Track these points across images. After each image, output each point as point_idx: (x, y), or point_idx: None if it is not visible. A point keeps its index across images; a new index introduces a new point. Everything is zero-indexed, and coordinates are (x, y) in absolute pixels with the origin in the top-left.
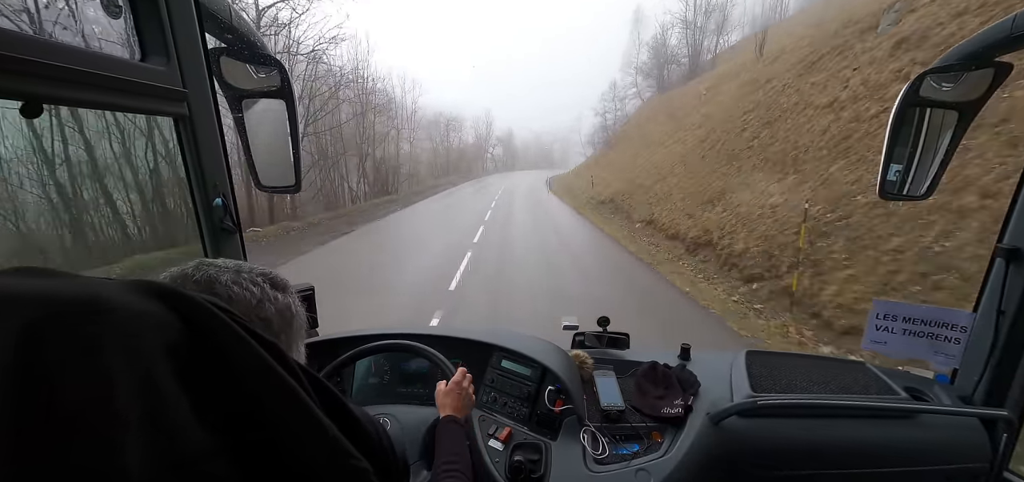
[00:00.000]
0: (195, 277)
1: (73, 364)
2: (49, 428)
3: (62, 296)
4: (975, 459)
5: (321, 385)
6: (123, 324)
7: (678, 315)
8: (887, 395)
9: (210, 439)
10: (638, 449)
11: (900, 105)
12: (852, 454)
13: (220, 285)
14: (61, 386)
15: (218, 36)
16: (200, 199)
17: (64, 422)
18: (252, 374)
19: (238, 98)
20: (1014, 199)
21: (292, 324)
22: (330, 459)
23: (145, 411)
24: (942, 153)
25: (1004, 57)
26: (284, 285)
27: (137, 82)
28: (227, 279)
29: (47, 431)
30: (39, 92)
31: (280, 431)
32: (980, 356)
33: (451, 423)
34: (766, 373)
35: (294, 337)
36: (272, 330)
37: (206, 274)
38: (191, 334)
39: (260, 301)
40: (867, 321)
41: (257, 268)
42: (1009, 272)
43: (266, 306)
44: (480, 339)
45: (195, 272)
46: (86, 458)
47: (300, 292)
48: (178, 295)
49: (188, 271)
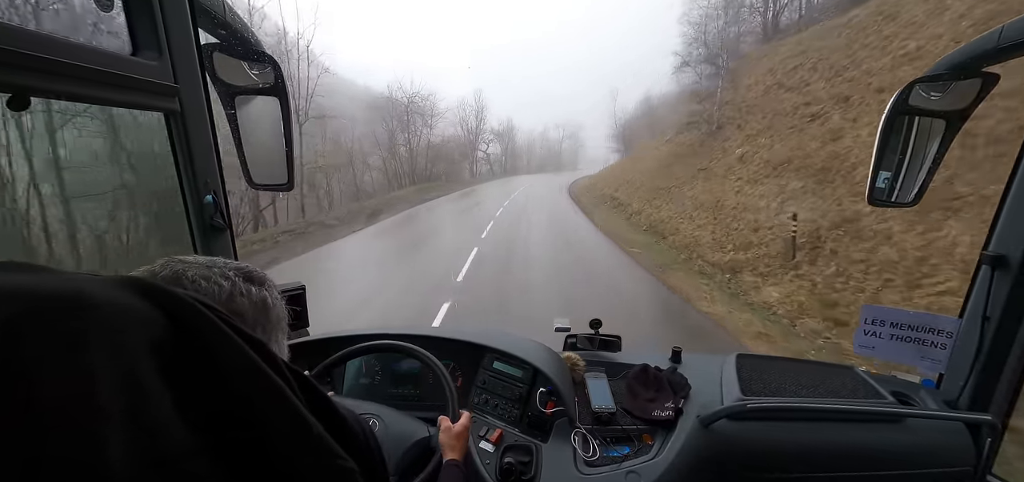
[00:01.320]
0: (161, 273)
1: (54, 359)
2: (28, 423)
3: (45, 292)
4: (960, 463)
5: (308, 384)
6: (107, 320)
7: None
8: (874, 399)
9: (193, 437)
10: (629, 451)
11: (889, 113)
12: (840, 457)
13: (187, 279)
14: (40, 381)
15: (211, 32)
16: (190, 195)
17: (44, 417)
18: (238, 372)
19: (231, 94)
20: (999, 207)
21: (268, 317)
22: (315, 459)
23: (127, 407)
24: (930, 161)
25: (991, 68)
26: (261, 279)
27: (128, 76)
28: (194, 274)
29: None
30: (27, 84)
31: (265, 430)
32: (965, 361)
33: (454, 468)
34: (756, 376)
35: (272, 331)
36: (246, 323)
37: (172, 270)
38: (176, 331)
39: (231, 295)
40: (856, 326)
41: (232, 263)
42: (994, 279)
43: (237, 300)
44: (472, 340)
45: (162, 269)
46: (66, 453)
47: (291, 291)
48: (163, 292)
49: (155, 268)
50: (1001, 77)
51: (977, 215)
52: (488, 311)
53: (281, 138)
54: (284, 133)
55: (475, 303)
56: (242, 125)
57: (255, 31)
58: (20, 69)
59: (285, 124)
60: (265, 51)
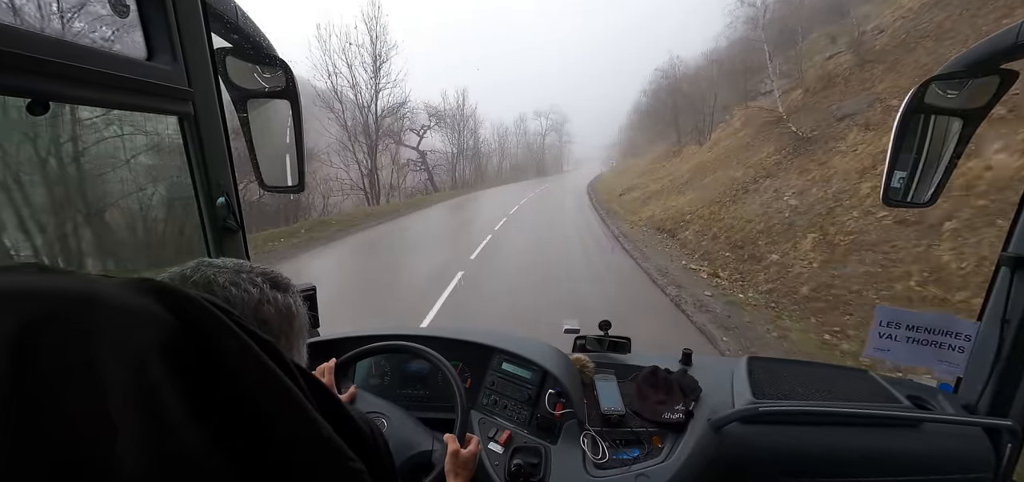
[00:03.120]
0: (193, 278)
1: (68, 361)
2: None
3: (58, 293)
4: (978, 469)
5: (317, 385)
6: (118, 320)
7: None
8: (890, 403)
9: (203, 437)
10: (638, 454)
11: (904, 112)
12: (854, 463)
13: (218, 286)
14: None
15: (224, 36)
16: (204, 198)
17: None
18: (247, 372)
19: (243, 98)
20: (1020, 208)
21: (293, 324)
22: (325, 460)
23: (138, 408)
24: (946, 160)
25: (1009, 65)
26: (286, 285)
27: (143, 81)
28: (225, 280)
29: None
30: (45, 90)
31: (275, 431)
32: (984, 365)
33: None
34: (768, 380)
35: (295, 338)
36: (272, 331)
37: (204, 275)
38: (186, 332)
39: (259, 301)
40: (870, 329)
41: (258, 268)
42: (1014, 281)
43: (265, 307)
44: (480, 341)
45: (193, 273)
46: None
47: (301, 292)
48: (174, 292)
49: (186, 272)
50: (1020, 74)
51: None
52: None
53: (292, 141)
54: (295, 136)
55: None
56: (254, 128)
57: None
58: (39, 74)
59: (296, 127)
60: (277, 55)
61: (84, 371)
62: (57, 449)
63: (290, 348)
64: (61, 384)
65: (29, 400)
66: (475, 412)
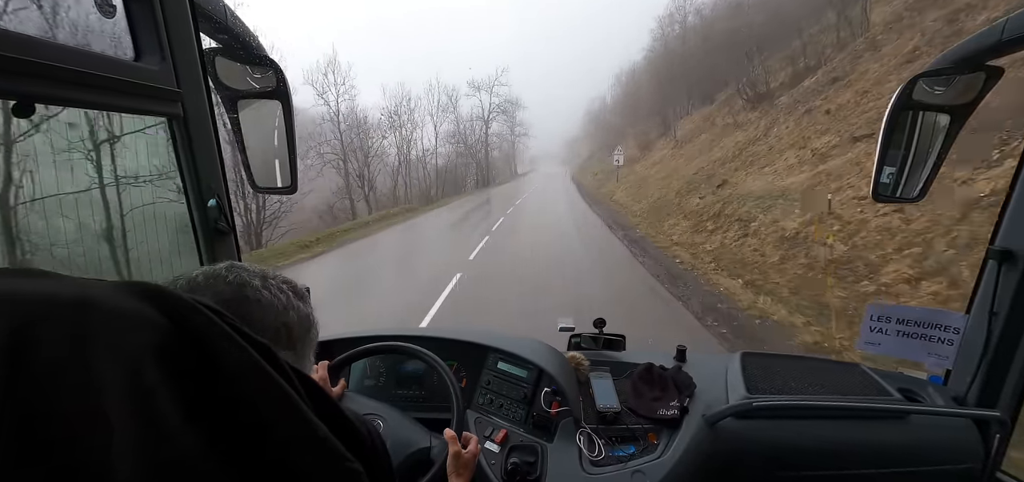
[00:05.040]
0: (228, 278)
1: (62, 364)
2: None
3: (51, 296)
4: (968, 460)
5: (312, 386)
6: (112, 324)
7: None
8: (881, 396)
9: (198, 440)
10: (634, 451)
11: (893, 108)
12: (847, 455)
13: (251, 287)
14: (50, 386)
15: (213, 36)
16: (194, 200)
17: (52, 422)
18: (242, 375)
19: (233, 98)
20: (1006, 201)
21: (309, 333)
22: (321, 461)
23: (133, 411)
24: (935, 156)
25: (995, 61)
26: (303, 294)
27: (131, 82)
28: (258, 282)
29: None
30: (32, 91)
31: (271, 432)
32: (973, 357)
33: None
34: (761, 374)
35: (308, 347)
36: (292, 337)
37: (238, 276)
38: (180, 334)
39: (285, 307)
40: (861, 323)
41: (280, 276)
42: (1001, 274)
43: (290, 313)
44: (476, 341)
45: (228, 272)
46: (73, 458)
47: None
48: (167, 295)
49: (220, 271)
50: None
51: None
52: None
53: (283, 141)
54: (287, 137)
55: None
56: (244, 129)
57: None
58: (25, 76)
59: (288, 128)
60: (267, 55)
61: (79, 374)
62: (52, 453)
63: (302, 356)
64: (55, 387)
65: (23, 403)
66: (471, 411)
